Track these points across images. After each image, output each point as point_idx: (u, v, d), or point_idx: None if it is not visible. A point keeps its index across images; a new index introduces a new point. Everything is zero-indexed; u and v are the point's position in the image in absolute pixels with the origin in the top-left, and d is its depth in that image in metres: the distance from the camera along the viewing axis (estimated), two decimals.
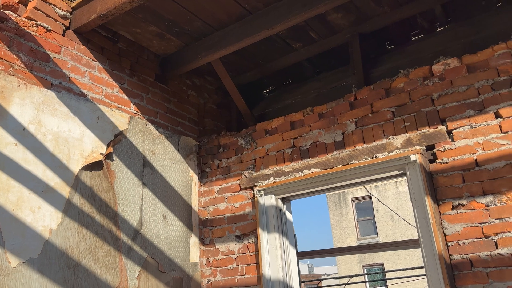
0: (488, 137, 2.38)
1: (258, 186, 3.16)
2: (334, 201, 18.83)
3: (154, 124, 3.24)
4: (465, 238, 2.33)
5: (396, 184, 17.66)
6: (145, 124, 3.15)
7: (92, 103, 2.77)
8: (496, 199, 2.28)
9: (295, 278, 2.99)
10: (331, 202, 18.83)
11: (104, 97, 2.88)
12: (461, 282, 2.27)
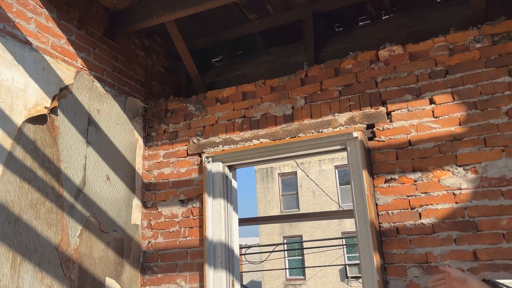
0: (421, 120, 2.65)
1: (206, 153, 3.21)
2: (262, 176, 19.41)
3: (101, 82, 3.12)
4: (394, 208, 2.61)
5: (320, 163, 18.62)
6: (92, 81, 3.02)
7: (38, 53, 2.60)
8: (423, 176, 2.58)
9: (236, 242, 3.13)
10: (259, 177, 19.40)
11: (51, 48, 2.71)
12: (388, 247, 2.57)
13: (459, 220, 2.44)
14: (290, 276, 18.49)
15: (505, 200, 2.36)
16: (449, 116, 2.59)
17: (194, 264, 3.08)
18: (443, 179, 2.53)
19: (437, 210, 2.50)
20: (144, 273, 3.23)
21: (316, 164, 18.19)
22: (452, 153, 2.54)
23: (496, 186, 2.40)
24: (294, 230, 18.64)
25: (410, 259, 2.50)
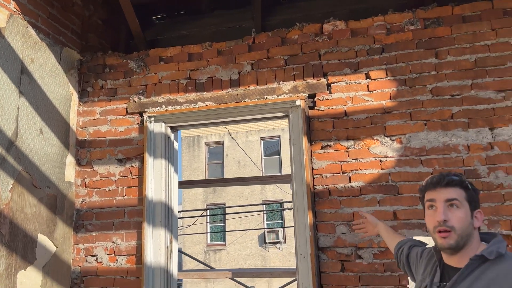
0: (357, 93, 2.88)
1: (148, 112, 3.16)
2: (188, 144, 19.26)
3: (35, 28, 2.89)
4: (327, 172, 2.84)
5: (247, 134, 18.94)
6: (26, 26, 2.78)
7: None
8: (355, 144, 2.83)
9: (175, 202, 3.17)
10: (185, 144, 19.22)
11: None
12: (320, 207, 2.80)
13: (383, 184, 2.74)
14: (211, 242, 18.88)
15: (424, 167, 2.69)
16: (382, 91, 2.84)
17: (132, 223, 3.08)
18: (372, 148, 2.80)
19: (365, 175, 2.77)
20: (77, 231, 3.15)
21: (243, 135, 18.46)
22: (382, 125, 2.80)
23: (417, 155, 2.71)
24: (218, 198, 18.92)
25: (339, 218, 2.76)
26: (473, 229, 1.44)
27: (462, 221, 1.42)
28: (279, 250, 17.28)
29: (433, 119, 2.72)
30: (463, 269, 1.41)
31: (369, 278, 2.63)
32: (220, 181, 5.32)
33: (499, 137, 2.59)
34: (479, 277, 1.38)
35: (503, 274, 1.35)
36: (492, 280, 1.36)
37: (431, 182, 1.50)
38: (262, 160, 18.24)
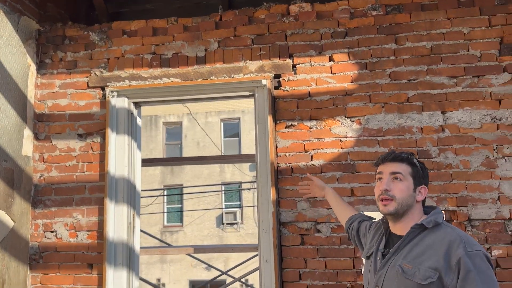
0: (321, 75, 2.97)
1: (110, 87, 3.10)
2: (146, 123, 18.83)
3: None
4: (291, 151, 2.93)
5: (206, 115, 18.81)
6: None
7: None
8: (318, 124, 2.93)
9: (138, 178, 3.16)
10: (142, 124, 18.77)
11: None
12: (283, 184, 2.90)
13: (343, 163, 2.87)
14: (167, 223, 18.79)
15: (380, 147, 2.85)
16: (344, 73, 2.95)
17: (93, 199, 3.04)
18: (333, 128, 2.91)
19: (326, 154, 2.89)
20: (36, 206, 3.07)
21: (203, 116, 18.31)
22: (343, 106, 2.92)
23: (374, 136, 2.86)
24: (175, 179, 18.77)
25: (300, 194, 2.87)
26: (415, 201, 1.61)
27: (403, 192, 1.58)
28: (237, 231, 17.52)
29: (390, 102, 2.87)
30: (405, 237, 1.58)
31: (327, 250, 2.78)
32: (183, 160, 5.30)
33: (449, 120, 2.78)
34: (418, 243, 1.55)
35: (438, 240, 1.52)
36: (429, 246, 1.52)
37: (382, 157, 1.69)
38: (221, 142, 18.25)
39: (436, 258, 1.49)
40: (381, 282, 1.59)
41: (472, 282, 1.41)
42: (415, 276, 1.49)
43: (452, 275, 1.45)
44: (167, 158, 4.51)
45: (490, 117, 2.74)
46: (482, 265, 1.45)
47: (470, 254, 1.45)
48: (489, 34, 2.82)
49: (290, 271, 2.80)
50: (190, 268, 17.27)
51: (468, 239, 1.51)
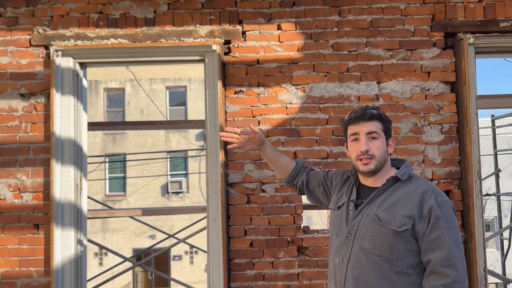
0: (269, 43, 3.09)
1: (55, 45, 3.01)
2: None
3: None
4: (239, 116, 3.06)
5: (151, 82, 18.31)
6: None
7: None
8: (265, 91, 3.07)
9: (84, 140, 3.14)
10: None
11: None
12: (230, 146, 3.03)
13: (287, 128, 3.05)
14: (110, 192, 18.41)
15: (321, 114, 3.05)
16: (291, 42, 3.09)
17: (38, 160, 3.00)
18: (279, 95, 3.07)
19: (272, 119, 3.06)
20: None
21: (147, 83, 17.79)
22: (289, 74, 3.08)
23: (316, 103, 3.06)
24: (118, 148, 18.29)
25: (247, 157, 3.03)
26: (388, 155, 1.74)
27: (380, 149, 1.70)
28: (182, 199, 17.59)
29: (332, 72, 3.06)
30: (380, 188, 1.70)
31: (270, 208, 2.99)
32: (129, 124, 5.17)
33: (384, 90, 3.04)
34: (392, 194, 1.67)
35: (412, 191, 1.65)
36: (403, 196, 1.65)
37: (355, 117, 1.73)
38: (167, 111, 17.93)
39: (410, 206, 1.61)
40: (354, 231, 1.67)
41: (440, 227, 1.56)
42: (390, 223, 1.60)
43: (423, 222, 1.59)
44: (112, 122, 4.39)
45: (419, 88, 3.03)
46: (449, 214, 1.61)
47: (440, 204, 1.60)
48: (423, 11, 3.07)
49: (236, 227, 2.98)
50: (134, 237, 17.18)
51: (438, 190, 1.67)
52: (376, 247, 1.61)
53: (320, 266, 2.93)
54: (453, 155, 3.00)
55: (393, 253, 1.59)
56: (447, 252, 1.54)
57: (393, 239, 1.59)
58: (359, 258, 1.64)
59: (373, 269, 1.61)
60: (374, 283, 1.60)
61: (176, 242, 3.87)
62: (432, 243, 1.57)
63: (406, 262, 1.60)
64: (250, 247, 2.96)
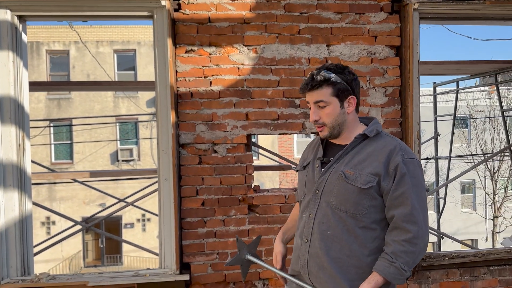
0: (221, 1, 3.03)
1: None
2: None
3: None
4: (190, 76, 3.02)
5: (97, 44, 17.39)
6: None
7: None
8: (217, 50, 3.04)
9: (26, 99, 2.98)
10: None
11: None
12: (183, 108, 3.01)
13: (239, 89, 3.07)
14: (55, 160, 17.66)
15: (273, 76, 3.09)
16: (243, 1, 3.05)
17: None
18: (232, 55, 3.06)
19: (224, 80, 3.05)
20: None
21: (93, 45, 16.88)
22: (241, 34, 3.06)
23: (268, 65, 3.08)
24: (63, 114, 17.44)
25: (199, 118, 3.03)
26: (347, 114, 1.69)
27: (331, 116, 1.67)
28: (133, 167, 17.25)
29: (283, 33, 3.08)
30: (348, 145, 1.69)
31: (222, 168, 3.03)
32: (74, 84, 4.87)
33: (333, 53, 3.11)
34: (360, 151, 1.68)
35: (379, 148, 1.66)
36: (370, 153, 1.66)
37: (303, 86, 1.71)
38: (115, 75, 17.22)
39: (377, 164, 1.62)
40: (322, 187, 1.69)
41: (405, 184, 1.59)
42: (356, 181, 1.61)
43: (388, 179, 1.60)
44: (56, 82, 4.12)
45: (366, 52, 3.13)
46: (415, 171, 1.62)
47: (406, 161, 1.61)
48: None
49: (188, 187, 3.01)
50: (83, 206, 16.76)
51: (406, 148, 1.67)
52: (342, 203, 1.64)
53: (269, 222, 3.05)
54: (395, 117, 3.17)
55: (358, 209, 1.63)
56: (410, 209, 1.57)
57: (358, 196, 1.62)
58: (326, 213, 1.67)
59: (338, 224, 1.64)
60: (339, 237, 1.64)
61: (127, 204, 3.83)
62: (396, 199, 1.60)
63: (371, 218, 1.64)
64: (202, 206, 3.01)
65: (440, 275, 3.24)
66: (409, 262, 1.57)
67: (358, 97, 1.73)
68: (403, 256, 1.56)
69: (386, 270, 1.57)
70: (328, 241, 1.66)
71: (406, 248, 1.57)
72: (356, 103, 1.72)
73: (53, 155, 17.47)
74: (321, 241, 1.66)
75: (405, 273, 1.57)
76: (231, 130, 3.04)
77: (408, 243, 1.57)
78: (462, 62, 4.82)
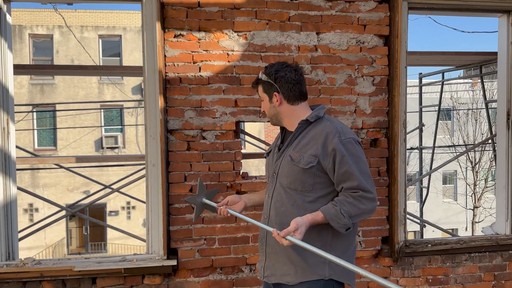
0: None
1: None
2: None
3: None
4: (179, 61, 3.00)
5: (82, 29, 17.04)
6: None
7: None
8: (206, 36, 3.02)
9: (10, 81, 2.92)
10: None
11: None
12: (171, 93, 2.99)
13: (229, 75, 3.05)
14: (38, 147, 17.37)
15: (262, 63, 3.08)
16: None
17: None
18: (221, 41, 3.04)
19: (213, 66, 3.03)
20: None
21: (78, 30, 16.54)
22: (231, 20, 3.04)
23: (258, 51, 3.07)
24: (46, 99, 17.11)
25: (188, 104, 3.01)
26: (277, 107, 1.95)
27: (266, 108, 2.00)
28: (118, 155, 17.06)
29: (274, 20, 3.07)
30: (294, 131, 1.93)
31: (211, 155, 3.03)
32: (59, 68, 4.77)
33: (322, 41, 3.12)
34: (305, 136, 1.90)
35: (319, 132, 1.86)
36: (312, 137, 1.87)
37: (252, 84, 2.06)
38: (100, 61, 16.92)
39: (316, 146, 1.83)
40: (277, 170, 1.96)
41: (346, 163, 1.79)
42: (300, 162, 1.84)
43: (328, 159, 1.81)
44: (40, 65, 4.02)
45: (355, 40, 3.14)
46: (353, 149, 1.82)
47: (344, 142, 1.81)
48: None
49: (176, 173, 3.00)
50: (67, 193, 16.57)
51: (343, 129, 1.87)
52: (291, 183, 1.87)
53: (256, 209, 3.06)
54: (382, 106, 3.20)
55: (304, 186, 1.85)
56: (357, 182, 1.79)
57: (303, 175, 1.84)
58: (280, 192, 1.92)
59: (289, 200, 1.88)
60: (291, 211, 1.86)
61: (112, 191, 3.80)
62: (343, 176, 1.81)
63: (317, 193, 1.86)
64: (190, 192, 3.01)
65: (423, 261, 3.32)
66: (350, 212, 1.76)
67: (287, 92, 1.93)
68: (346, 205, 1.77)
69: (327, 210, 1.78)
70: (282, 216, 1.89)
71: (351, 200, 1.78)
72: (285, 97, 1.94)
73: (36, 141, 17.17)
74: (276, 217, 1.91)
75: (343, 219, 1.75)
76: (220, 116, 3.04)
77: (354, 199, 1.78)
78: (448, 53, 4.89)
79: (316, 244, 1.73)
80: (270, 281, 1.96)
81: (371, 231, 3.21)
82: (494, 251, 3.43)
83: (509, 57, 3.41)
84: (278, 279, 1.91)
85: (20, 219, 14.44)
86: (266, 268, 1.97)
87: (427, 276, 3.34)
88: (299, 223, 1.71)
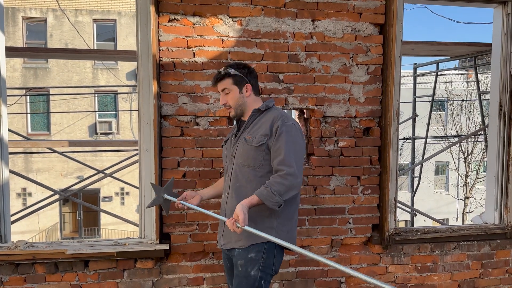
0: None
1: None
2: None
3: None
4: (173, 46, 2.98)
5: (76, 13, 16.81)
6: None
7: None
8: (201, 21, 3.00)
9: (2, 63, 2.89)
10: None
11: None
12: (164, 78, 2.97)
13: (223, 61, 3.04)
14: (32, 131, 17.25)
15: (257, 49, 3.07)
16: None
17: None
18: (216, 26, 3.02)
19: (208, 51, 3.02)
20: None
21: (72, 14, 16.30)
22: (226, 5, 3.01)
23: (252, 38, 3.06)
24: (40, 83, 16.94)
25: (182, 89, 3.00)
26: (246, 98, 2.28)
27: (233, 99, 2.28)
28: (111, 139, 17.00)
29: (269, 6, 3.05)
30: (248, 119, 2.30)
31: (204, 141, 3.04)
32: (53, 51, 4.70)
33: (318, 28, 3.11)
34: (257, 123, 2.26)
35: (268, 117, 2.23)
36: (263, 122, 2.22)
37: (213, 80, 2.31)
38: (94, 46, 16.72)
39: (265, 128, 2.18)
40: (234, 152, 2.28)
41: (281, 140, 2.11)
42: (252, 142, 2.19)
43: (272, 138, 2.15)
44: (33, 48, 3.99)
45: (350, 28, 3.14)
46: (291, 130, 2.14)
47: (286, 124, 2.15)
48: None
49: (169, 159, 3.01)
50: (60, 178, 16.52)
51: (287, 116, 2.21)
52: (245, 160, 2.20)
53: None
54: (375, 95, 3.21)
55: (255, 163, 2.18)
56: (284, 156, 2.08)
57: (255, 153, 2.17)
58: (236, 171, 2.24)
59: (243, 176, 2.21)
60: (244, 186, 2.19)
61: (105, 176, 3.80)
62: (275, 152, 2.12)
63: (266, 169, 2.17)
64: (183, 178, 3.02)
65: (412, 249, 3.37)
66: (280, 191, 2.03)
67: (255, 85, 2.32)
68: (275, 185, 2.03)
69: (260, 192, 2.04)
70: (238, 191, 2.21)
71: (278, 180, 2.04)
72: (254, 89, 2.31)
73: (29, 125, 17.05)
74: (233, 192, 2.23)
75: (274, 197, 2.01)
76: (214, 103, 3.03)
77: (281, 177, 2.05)
78: (443, 43, 4.89)
79: (267, 213, 2.11)
80: (226, 247, 2.26)
81: (361, 219, 3.25)
82: (482, 240, 3.49)
83: (503, 48, 3.43)
84: (233, 244, 2.21)
85: (13, 204, 14.42)
86: (224, 237, 2.28)
87: (416, 264, 3.39)
88: (238, 212, 1.97)
